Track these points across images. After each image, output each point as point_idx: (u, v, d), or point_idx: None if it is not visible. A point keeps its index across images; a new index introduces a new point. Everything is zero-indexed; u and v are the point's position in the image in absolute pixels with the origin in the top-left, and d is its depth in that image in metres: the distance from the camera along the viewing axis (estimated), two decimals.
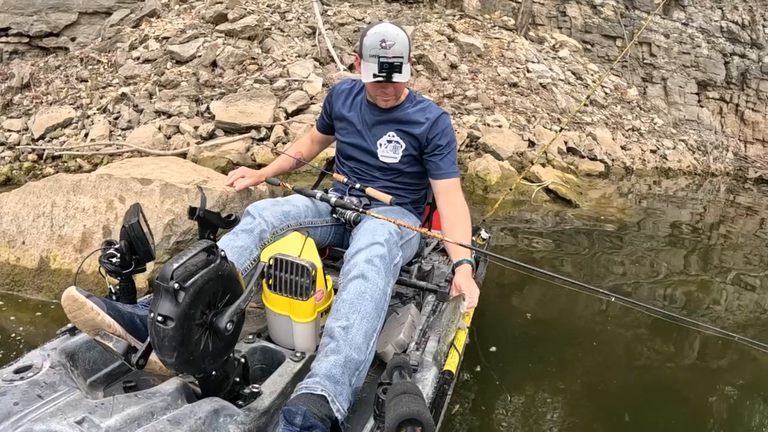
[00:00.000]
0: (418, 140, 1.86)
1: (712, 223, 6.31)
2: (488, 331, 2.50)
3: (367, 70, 1.72)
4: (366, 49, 1.71)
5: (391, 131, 1.89)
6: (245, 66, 7.31)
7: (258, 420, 1.16)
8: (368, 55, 1.70)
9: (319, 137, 2.21)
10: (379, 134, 1.90)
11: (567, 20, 13.21)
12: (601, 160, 8.27)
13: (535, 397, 2.13)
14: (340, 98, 2.00)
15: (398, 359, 1.28)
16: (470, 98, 8.11)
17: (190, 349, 1.02)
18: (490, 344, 2.40)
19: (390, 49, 1.68)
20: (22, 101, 7.05)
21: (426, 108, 1.89)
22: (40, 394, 1.08)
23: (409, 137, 1.87)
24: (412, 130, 1.86)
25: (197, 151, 5.56)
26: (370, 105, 1.93)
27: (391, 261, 1.51)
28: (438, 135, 1.84)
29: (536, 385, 2.20)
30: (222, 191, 2.31)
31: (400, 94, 1.86)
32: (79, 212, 2.45)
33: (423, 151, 1.88)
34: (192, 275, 1.00)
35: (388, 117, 1.89)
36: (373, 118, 1.91)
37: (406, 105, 1.90)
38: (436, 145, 1.85)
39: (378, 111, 1.91)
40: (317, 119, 2.19)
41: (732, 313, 3.28)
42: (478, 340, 2.37)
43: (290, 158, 2.18)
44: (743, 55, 14.76)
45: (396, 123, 1.88)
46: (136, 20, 8.84)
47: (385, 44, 1.68)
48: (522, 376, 2.25)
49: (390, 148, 1.89)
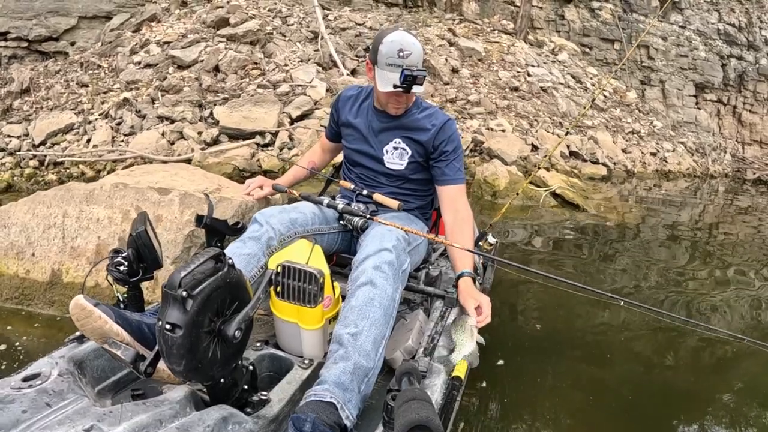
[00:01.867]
0: (424, 147, 1.86)
1: (715, 225, 6.31)
2: (496, 339, 2.46)
3: (384, 80, 1.72)
4: (382, 57, 1.71)
5: (397, 138, 1.89)
6: (248, 71, 7.33)
7: (267, 427, 1.16)
8: (385, 64, 1.70)
9: (330, 146, 2.21)
10: (385, 141, 1.90)
11: (565, 24, 13.25)
12: (603, 163, 8.29)
13: (545, 404, 2.09)
14: (346, 105, 2.01)
15: (407, 365, 1.27)
16: (473, 103, 8.13)
17: (198, 356, 1.01)
18: (498, 353, 2.36)
19: (407, 59, 1.69)
20: (21, 106, 7.06)
21: (432, 114, 1.89)
22: (48, 402, 1.07)
23: (415, 144, 1.87)
24: (419, 136, 1.86)
25: (202, 157, 5.56)
26: (377, 111, 1.93)
27: (399, 267, 1.51)
28: (444, 141, 1.84)
29: (547, 393, 2.17)
30: (241, 201, 2.27)
31: (411, 101, 1.86)
32: (93, 223, 2.37)
33: (429, 157, 1.88)
34: (200, 283, 1.00)
35: (394, 123, 1.89)
36: (380, 124, 1.91)
37: (413, 111, 1.90)
38: (442, 152, 1.85)
39: (385, 117, 1.91)
40: (326, 127, 2.19)
41: (740, 315, 3.27)
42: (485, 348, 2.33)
43: (304, 168, 2.18)
44: (740, 57, 14.82)
45: (402, 129, 1.88)
46: (137, 24, 8.85)
47: (403, 53, 1.69)
48: (532, 386, 2.21)
49: (396, 155, 1.89)
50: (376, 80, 1.76)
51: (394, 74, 1.69)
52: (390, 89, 1.71)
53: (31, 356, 2.10)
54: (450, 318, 1.72)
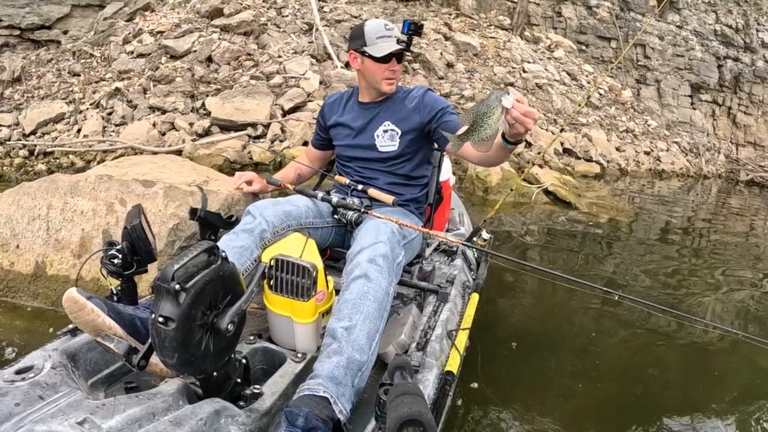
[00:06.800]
0: (413, 119, 1.91)
1: (707, 225, 6.36)
2: (490, 335, 2.47)
3: (379, 50, 1.81)
4: (370, 34, 1.82)
5: (386, 121, 1.94)
6: (241, 62, 7.28)
7: (259, 421, 1.16)
8: (375, 38, 1.81)
9: (316, 154, 2.24)
10: (374, 127, 1.95)
11: (562, 21, 13.26)
12: (597, 161, 8.33)
13: (538, 399, 2.10)
14: (332, 109, 2.07)
15: (399, 360, 1.27)
16: (467, 98, 8.13)
17: (191, 350, 1.01)
18: (493, 348, 2.38)
19: (394, 31, 1.83)
20: (13, 95, 6.98)
21: (410, 91, 1.98)
22: (41, 394, 1.07)
23: (402, 121, 1.92)
24: (404, 113, 1.92)
25: (193, 149, 5.52)
26: (361, 105, 1.99)
27: (393, 260, 1.51)
28: (433, 105, 1.89)
29: (539, 387, 2.18)
30: (228, 193, 2.26)
31: (398, 76, 1.94)
32: (77, 215, 2.33)
33: (429, 128, 1.90)
34: (193, 276, 1.00)
35: (379, 109, 1.96)
36: (367, 115, 1.97)
37: (393, 95, 1.97)
38: (438, 110, 1.88)
39: (370, 107, 1.97)
40: (312, 138, 2.23)
41: (733, 311, 3.31)
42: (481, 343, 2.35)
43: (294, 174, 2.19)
44: (736, 58, 14.91)
45: (388, 113, 1.94)
46: (130, 14, 8.76)
47: (389, 27, 1.84)
48: (525, 380, 2.22)
49: (387, 137, 1.93)
50: (373, 53, 1.82)
51: (388, 43, 1.80)
52: (394, 48, 1.80)
53: (15, 348, 2.11)
54: (443, 314, 1.72)
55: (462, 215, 2.84)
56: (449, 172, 2.31)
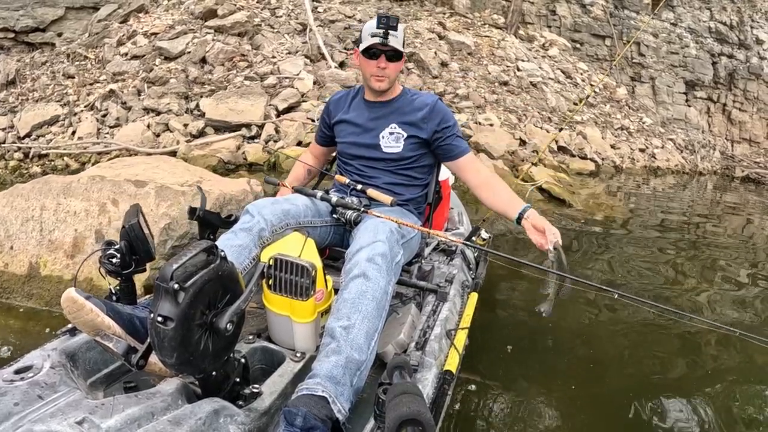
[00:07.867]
0: (419, 127, 1.92)
1: (703, 221, 6.39)
2: (487, 336, 2.46)
3: (365, 42, 1.83)
4: (366, 31, 1.84)
5: (392, 123, 1.94)
6: (235, 63, 7.27)
7: (258, 420, 1.16)
8: (369, 35, 1.82)
9: (319, 150, 2.24)
10: (380, 128, 1.94)
11: (556, 19, 13.29)
12: (592, 159, 8.34)
13: (536, 398, 2.10)
14: (338, 105, 2.07)
15: (398, 359, 1.27)
16: (461, 96, 8.14)
17: (190, 349, 1.01)
18: (491, 347, 2.37)
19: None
20: (7, 98, 6.95)
21: (420, 96, 1.99)
22: (40, 394, 1.07)
23: (409, 126, 1.92)
24: (412, 118, 1.92)
25: (187, 150, 5.51)
26: (368, 103, 1.98)
27: (392, 259, 1.51)
28: (441, 120, 1.92)
29: (538, 388, 2.18)
30: (220, 193, 2.27)
31: (394, 77, 1.92)
32: (70, 216, 2.35)
33: (433, 140, 1.93)
34: (192, 275, 1.00)
35: (387, 110, 1.95)
36: (373, 113, 1.96)
37: (402, 97, 1.97)
38: (444, 129, 1.91)
39: (377, 107, 1.96)
40: (315, 134, 2.23)
41: (729, 308, 3.32)
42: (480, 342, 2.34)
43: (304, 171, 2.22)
44: (731, 55, 14.97)
45: (396, 115, 1.94)
46: (124, 16, 8.74)
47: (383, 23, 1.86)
48: (524, 380, 2.22)
49: (392, 139, 1.93)
50: (361, 49, 1.86)
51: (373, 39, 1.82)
52: (370, 42, 1.81)
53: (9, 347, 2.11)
54: (442, 314, 1.73)
55: (461, 214, 2.84)
56: (448, 172, 2.32)
